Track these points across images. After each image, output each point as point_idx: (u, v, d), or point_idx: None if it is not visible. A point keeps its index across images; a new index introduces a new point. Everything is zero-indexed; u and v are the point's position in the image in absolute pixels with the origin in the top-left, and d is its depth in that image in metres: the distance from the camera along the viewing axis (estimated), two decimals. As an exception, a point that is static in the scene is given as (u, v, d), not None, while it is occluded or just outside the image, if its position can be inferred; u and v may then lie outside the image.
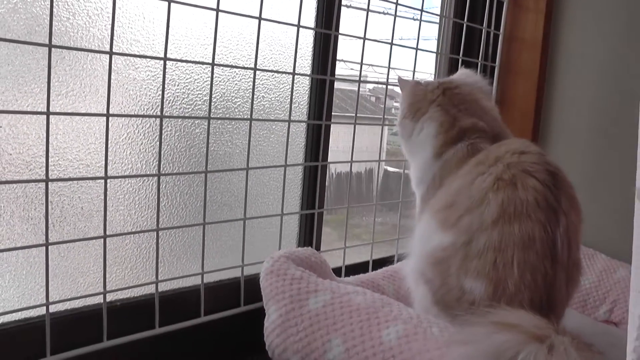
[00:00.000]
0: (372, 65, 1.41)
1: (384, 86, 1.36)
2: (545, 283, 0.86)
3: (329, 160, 1.29)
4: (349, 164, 1.26)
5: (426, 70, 1.63)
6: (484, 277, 0.86)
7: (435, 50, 1.62)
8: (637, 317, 0.43)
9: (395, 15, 1.30)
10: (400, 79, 1.19)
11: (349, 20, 1.26)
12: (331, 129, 1.28)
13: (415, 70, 1.38)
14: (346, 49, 1.33)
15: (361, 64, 1.25)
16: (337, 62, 1.27)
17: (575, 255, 0.93)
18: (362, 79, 1.51)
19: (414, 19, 1.40)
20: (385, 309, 0.87)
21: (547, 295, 0.87)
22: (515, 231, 0.86)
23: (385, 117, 1.34)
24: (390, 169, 1.83)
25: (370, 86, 2.08)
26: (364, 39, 1.23)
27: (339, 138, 1.27)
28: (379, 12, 1.31)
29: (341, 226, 1.32)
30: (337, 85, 1.29)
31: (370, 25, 1.24)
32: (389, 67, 1.31)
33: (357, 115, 1.25)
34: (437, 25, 1.64)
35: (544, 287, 0.86)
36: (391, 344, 0.79)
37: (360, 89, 1.29)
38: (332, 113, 1.27)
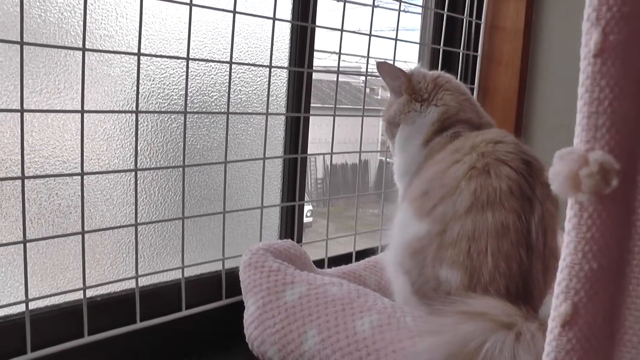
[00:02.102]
0: (366, 57, 1.41)
1: (377, 77, 1.35)
2: (521, 272, 0.87)
3: (309, 152, 1.29)
4: (343, 155, 1.27)
5: (409, 60, 1.63)
6: (458, 267, 0.87)
7: (418, 41, 1.62)
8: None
9: (373, 6, 1.29)
10: (388, 65, 1.17)
11: (338, 12, 1.26)
12: (309, 122, 1.27)
13: (396, 60, 1.38)
14: (336, 40, 1.32)
15: (339, 54, 1.24)
16: (332, 55, 1.26)
17: (552, 244, 0.93)
18: (354, 70, 1.51)
19: (405, 11, 1.40)
20: (360, 299, 0.87)
21: (523, 284, 0.87)
22: (489, 219, 0.87)
23: (364, 110, 1.34)
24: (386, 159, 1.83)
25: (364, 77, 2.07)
26: (342, 30, 1.23)
27: (336, 130, 1.27)
28: (367, 5, 1.31)
29: (337, 217, 1.32)
30: (329, 77, 1.28)
31: (362, 17, 1.24)
32: (367, 58, 1.31)
33: (351, 107, 1.26)
34: (421, 14, 1.64)
35: (520, 275, 0.87)
36: (365, 334, 0.80)
37: (353, 81, 1.29)
38: (324, 105, 1.27)
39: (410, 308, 0.89)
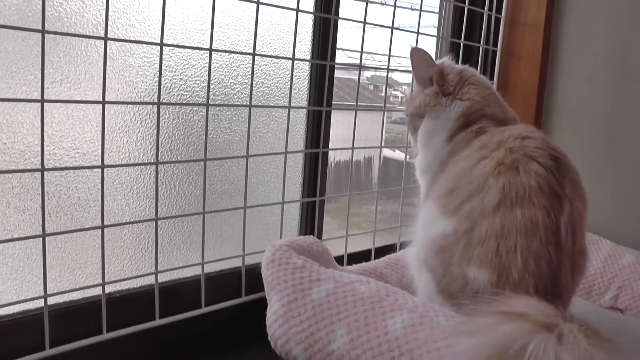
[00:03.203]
0: (371, 53, 1.38)
1: (384, 75, 1.33)
2: (550, 270, 0.85)
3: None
4: (351, 151, 1.25)
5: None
6: (486, 265, 0.84)
7: (436, 36, 1.60)
8: None
9: (395, 5, 1.27)
10: (423, 51, 1.09)
11: (348, 10, 1.24)
12: (330, 117, 1.26)
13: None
14: (346, 38, 1.30)
15: (361, 49, 1.22)
16: (337, 51, 1.24)
17: (581, 242, 0.91)
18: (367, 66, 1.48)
19: (412, 9, 1.37)
20: (390, 298, 0.85)
21: (552, 283, 0.85)
22: (518, 217, 0.84)
23: (385, 104, 1.32)
24: (388, 156, 1.81)
25: (369, 74, 2.05)
26: (364, 23, 1.20)
27: (337, 127, 1.25)
28: (379, 3, 1.28)
29: (341, 215, 1.30)
30: (336, 73, 1.26)
31: (371, 16, 1.22)
32: (389, 54, 1.28)
33: (354, 103, 1.23)
34: (437, 13, 1.62)
35: (549, 274, 0.85)
36: (397, 333, 0.78)
37: (356, 77, 1.27)
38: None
39: (440, 307, 0.87)
